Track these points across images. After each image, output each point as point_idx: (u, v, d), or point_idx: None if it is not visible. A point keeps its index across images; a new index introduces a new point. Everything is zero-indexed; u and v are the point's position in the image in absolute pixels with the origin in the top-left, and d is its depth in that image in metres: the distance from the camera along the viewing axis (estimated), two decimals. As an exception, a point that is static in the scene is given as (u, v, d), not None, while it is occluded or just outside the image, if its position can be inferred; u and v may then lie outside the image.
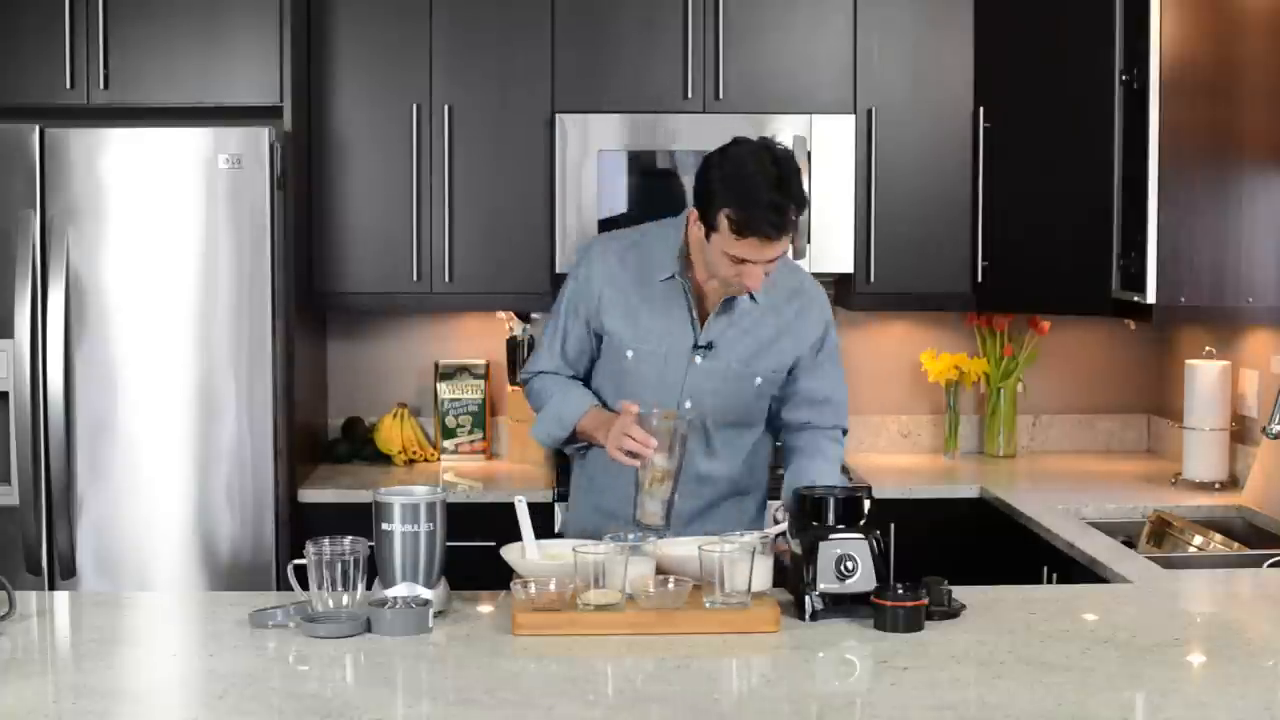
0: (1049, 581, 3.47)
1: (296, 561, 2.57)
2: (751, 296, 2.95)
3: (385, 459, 4.55)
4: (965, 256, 4.44)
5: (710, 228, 2.80)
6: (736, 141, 2.85)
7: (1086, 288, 4.07)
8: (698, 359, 2.96)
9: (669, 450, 2.78)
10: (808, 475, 2.93)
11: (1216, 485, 4.08)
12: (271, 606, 2.54)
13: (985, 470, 4.50)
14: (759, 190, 2.74)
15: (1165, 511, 3.76)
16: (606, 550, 2.54)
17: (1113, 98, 3.95)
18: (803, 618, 2.54)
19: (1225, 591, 2.97)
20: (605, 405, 3.01)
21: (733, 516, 3.04)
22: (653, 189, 4.38)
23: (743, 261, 2.80)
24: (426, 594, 2.53)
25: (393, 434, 4.54)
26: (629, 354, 2.99)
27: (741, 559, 2.50)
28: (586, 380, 3.09)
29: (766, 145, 2.83)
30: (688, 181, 4.35)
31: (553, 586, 2.50)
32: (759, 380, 3.01)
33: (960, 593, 2.62)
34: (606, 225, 4.30)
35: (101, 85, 4.07)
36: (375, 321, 4.73)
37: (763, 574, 2.63)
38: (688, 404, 2.95)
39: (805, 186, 2.84)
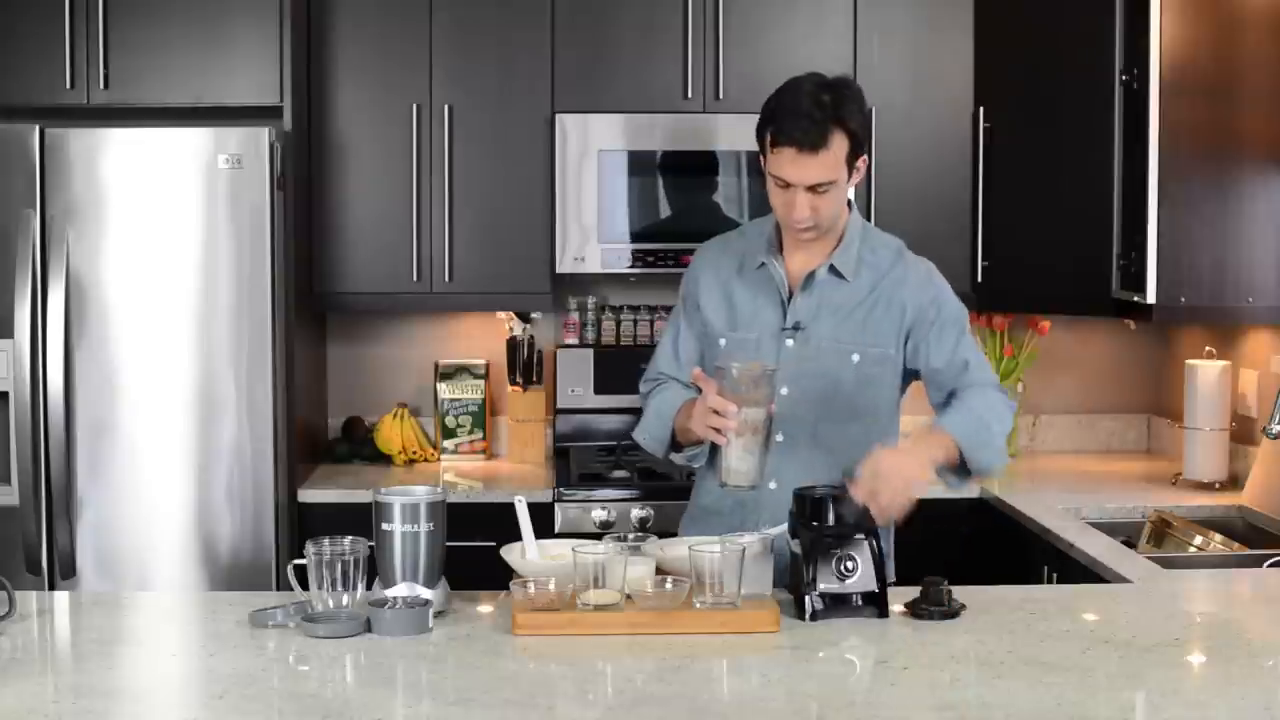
0: (1049, 581, 3.47)
1: (296, 561, 2.57)
2: (835, 271, 2.88)
3: (385, 459, 4.55)
4: (965, 256, 4.44)
5: (763, 156, 2.83)
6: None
7: (1086, 288, 4.07)
8: (788, 341, 2.89)
9: (753, 401, 2.67)
10: (946, 417, 2.82)
11: (1216, 485, 4.08)
12: (271, 606, 2.54)
13: (985, 470, 4.49)
14: (796, 101, 2.77)
15: (1165, 511, 3.76)
16: (606, 550, 2.54)
17: (1113, 98, 3.95)
18: (803, 618, 2.54)
19: (1225, 591, 2.97)
20: None
21: None
22: (653, 189, 4.38)
23: (787, 186, 2.78)
24: (426, 594, 2.53)
25: (393, 434, 4.54)
26: (722, 342, 2.95)
27: (732, 560, 2.50)
28: None
29: (816, 73, 2.85)
30: (688, 181, 4.36)
31: (552, 586, 2.50)
32: (856, 358, 2.89)
33: (960, 593, 2.62)
34: (608, 230, 4.32)
35: (101, 85, 4.07)
36: (375, 321, 4.73)
37: (762, 575, 2.63)
38: (784, 390, 2.84)
39: (863, 114, 2.82)
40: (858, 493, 2.60)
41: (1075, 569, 3.30)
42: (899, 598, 2.61)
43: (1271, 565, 3.27)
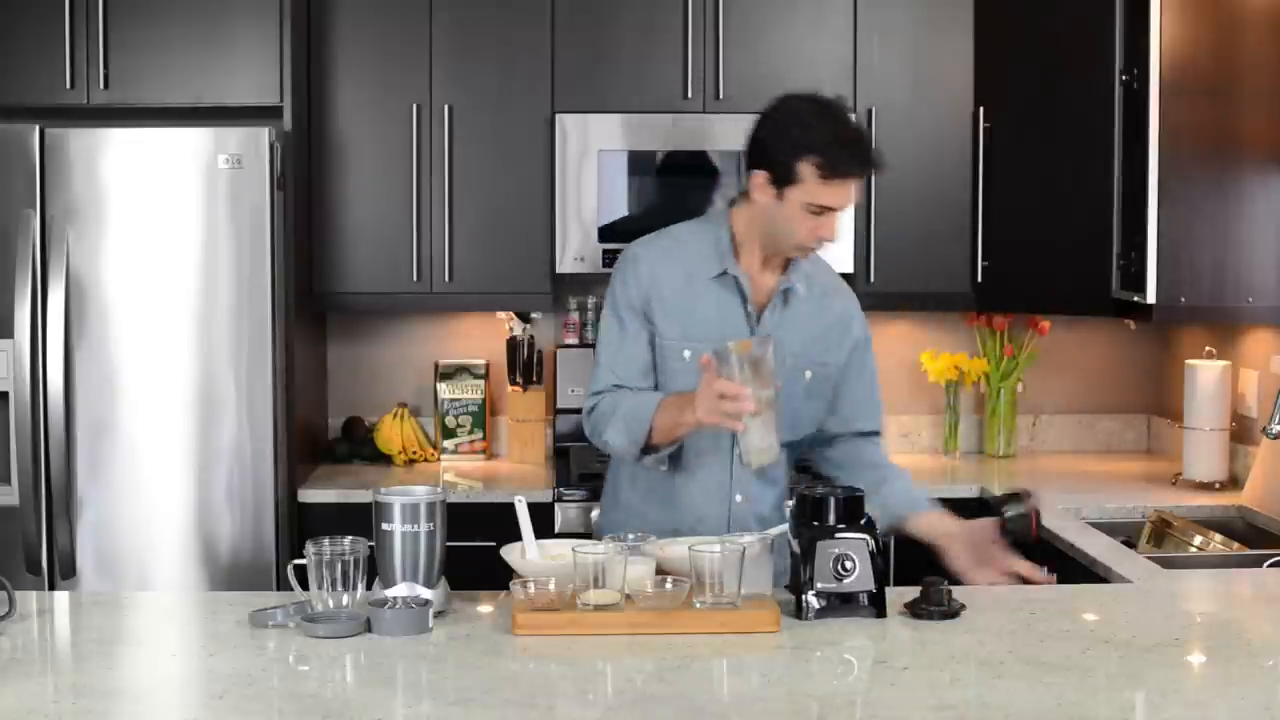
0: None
1: (296, 561, 2.57)
2: (797, 289, 2.94)
3: (385, 459, 4.55)
4: (965, 256, 4.44)
5: (788, 183, 2.81)
6: (786, 98, 2.87)
7: (1086, 288, 4.07)
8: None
9: (761, 378, 2.66)
10: (908, 498, 3.02)
11: (1216, 485, 4.08)
12: (271, 606, 2.54)
13: (985, 470, 4.50)
14: (839, 129, 2.81)
15: (1165, 511, 3.76)
16: (606, 550, 2.54)
17: (1113, 98, 3.95)
18: (800, 617, 2.53)
19: (1225, 591, 2.97)
20: None
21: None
22: (653, 189, 4.38)
23: (823, 211, 2.81)
24: (426, 594, 2.53)
25: (393, 434, 4.54)
26: (686, 354, 2.92)
27: (732, 560, 2.50)
28: None
29: (816, 95, 2.88)
30: (688, 182, 4.36)
31: (552, 586, 2.49)
32: (808, 375, 2.97)
33: (960, 593, 2.62)
34: (608, 230, 4.32)
35: (101, 85, 4.07)
36: (375, 321, 4.73)
37: (762, 575, 2.63)
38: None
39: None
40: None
41: (1075, 569, 3.30)
42: (899, 598, 2.61)
43: (1271, 565, 3.27)
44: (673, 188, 4.37)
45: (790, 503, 2.64)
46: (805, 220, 2.83)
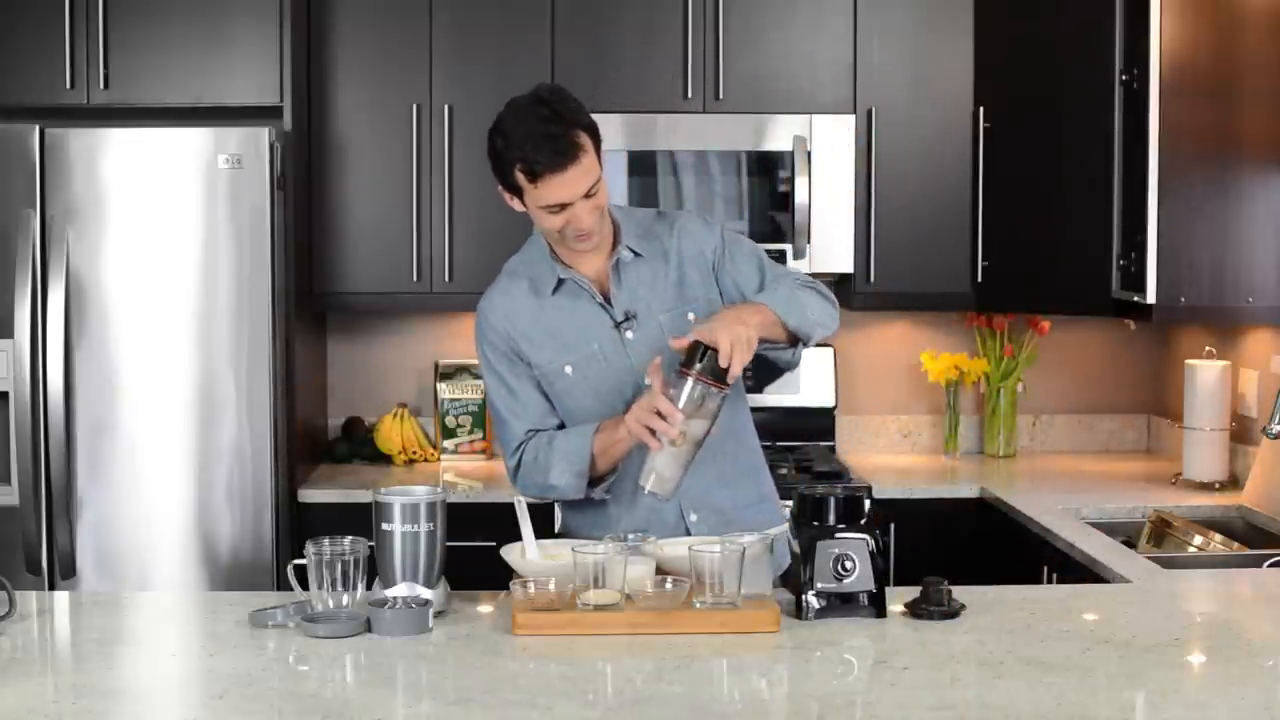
0: (1049, 581, 3.47)
1: (296, 561, 2.57)
2: (631, 251, 2.88)
3: (385, 459, 4.55)
4: (965, 256, 4.44)
5: (517, 193, 2.79)
6: (506, 105, 2.83)
7: (1086, 288, 4.07)
8: (628, 334, 2.87)
9: (703, 414, 2.62)
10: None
11: (1216, 485, 4.08)
12: (271, 606, 2.54)
13: (985, 470, 4.50)
14: (530, 128, 2.73)
15: (1165, 511, 3.76)
16: (606, 550, 2.54)
17: (1113, 98, 3.95)
18: (800, 617, 2.53)
19: (1225, 591, 2.97)
20: None
21: (748, 483, 2.96)
22: (653, 189, 4.38)
23: (562, 208, 2.76)
24: (426, 594, 2.54)
25: (393, 434, 4.54)
26: (568, 370, 2.89)
27: (732, 560, 2.50)
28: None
29: (531, 92, 2.83)
30: (687, 181, 4.36)
31: (552, 586, 2.50)
32: (692, 316, 2.87)
33: (960, 593, 2.62)
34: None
35: (101, 85, 4.07)
36: (375, 321, 4.73)
37: (763, 575, 2.63)
38: (648, 381, 2.79)
39: (581, 109, 2.80)
40: (700, 334, 2.61)
41: (1075, 569, 3.30)
42: (899, 598, 2.61)
43: (1271, 565, 3.28)
44: (672, 188, 4.37)
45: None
46: (553, 219, 2.78)
